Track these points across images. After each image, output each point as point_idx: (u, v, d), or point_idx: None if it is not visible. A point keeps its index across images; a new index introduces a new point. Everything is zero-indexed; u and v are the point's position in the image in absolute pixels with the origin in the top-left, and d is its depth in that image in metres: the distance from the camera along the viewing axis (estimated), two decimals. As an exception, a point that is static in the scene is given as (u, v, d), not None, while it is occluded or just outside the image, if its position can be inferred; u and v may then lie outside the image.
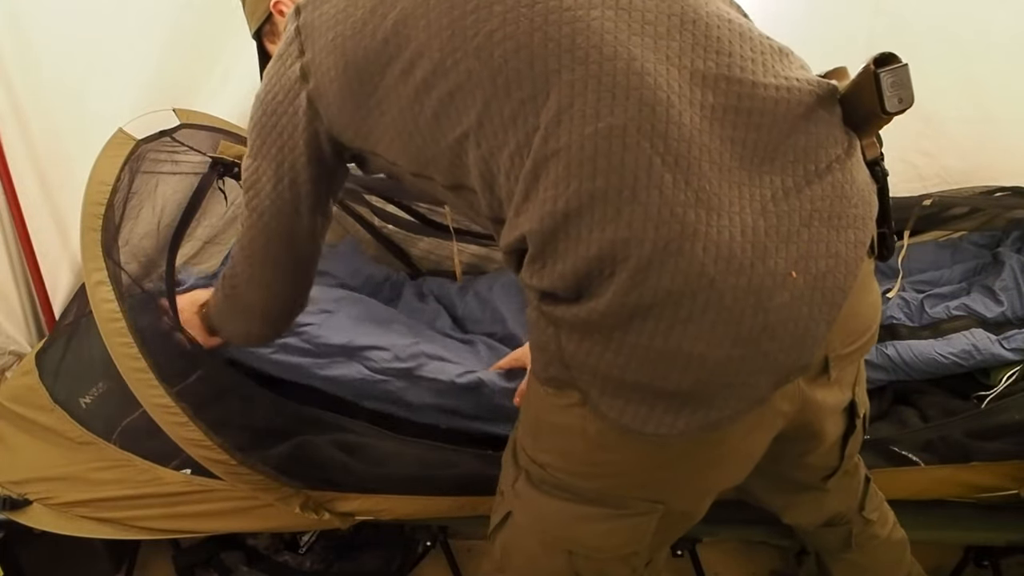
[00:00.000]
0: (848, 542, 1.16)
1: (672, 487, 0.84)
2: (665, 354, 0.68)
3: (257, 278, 1.03)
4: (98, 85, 1.73)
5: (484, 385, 1.45)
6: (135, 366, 1.17)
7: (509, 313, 1.78)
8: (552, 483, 0.86)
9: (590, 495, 0.84)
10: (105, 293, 1.19)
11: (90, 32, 1.69)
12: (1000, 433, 1.33)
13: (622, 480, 0.83)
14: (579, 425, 0.78)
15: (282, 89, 0.85)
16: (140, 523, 1.34)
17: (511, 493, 0.92)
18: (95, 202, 1.28)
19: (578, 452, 0.82)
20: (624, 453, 0.78)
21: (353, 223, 2.18)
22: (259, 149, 0.90)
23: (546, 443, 0.85)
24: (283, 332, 1.22)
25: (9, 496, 1.32)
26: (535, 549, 0.92)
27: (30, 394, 1.38)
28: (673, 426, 0.72)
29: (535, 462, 0.87)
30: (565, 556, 0.89)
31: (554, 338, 0.74)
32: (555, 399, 0.79)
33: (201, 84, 1.84)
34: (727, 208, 0.65)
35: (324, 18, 0.81)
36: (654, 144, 0.64)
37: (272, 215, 0.93)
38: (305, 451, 1.33)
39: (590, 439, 0.78)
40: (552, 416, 0.82)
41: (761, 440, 0.82)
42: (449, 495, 1.34)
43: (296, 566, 1.54)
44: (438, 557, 1.60)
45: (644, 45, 0.67)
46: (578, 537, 0.87)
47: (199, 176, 1.69)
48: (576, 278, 0.69)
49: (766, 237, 0.65)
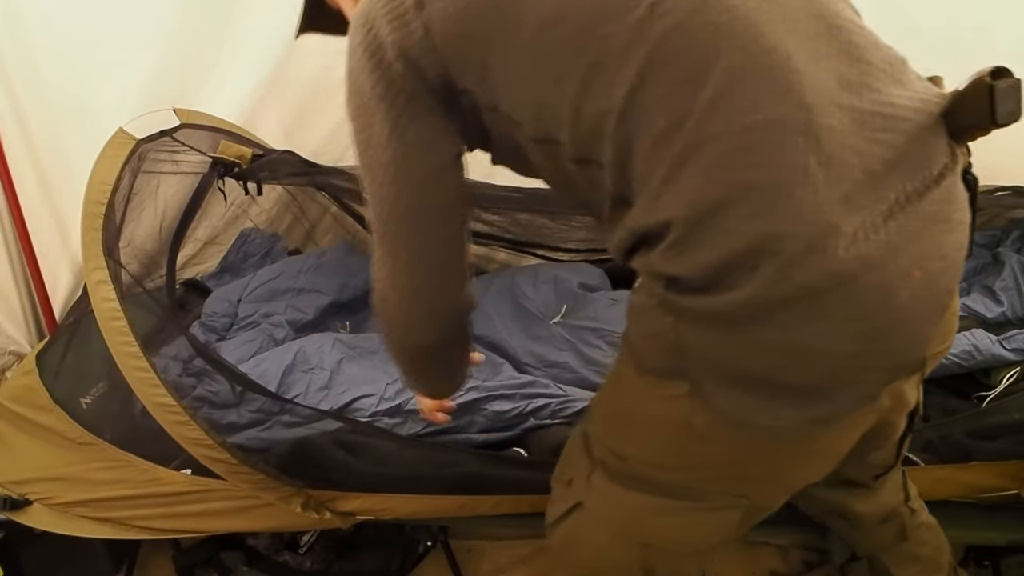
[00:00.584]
0: (903, 534, 1.18)
1: (763, 481, 0.84)
2: (794, 349, 0.69)
3: (405, 259, 0.85)
4: (98, 85, 1.73)
5: (476, 400, 1.46)
6: (136, 365, 1.17)
7: (500, 319, 1.80)
8: (633, 476, 0.85)
9: (674, 489, 0.83)
10: (106, 292, 1.19)
11: (90, 32, 1.69)
12: (1000, 433, 1.34)
13: (713, 473, 0.82)
14: (683, 417, 0.76)
15: (394, 16, 0.75)
16: (140, 523, 1.34)
17: (583, 485, 0.91)
18: (96, 201, 1.28)
19: (674, 444, 0.80)
20: (727, 446, 0.78)
21: (353, 223, 2.18)
22: (368, 93, 0.78)
23: (634, 434, 0.84)
24: (457, 327, 0.96)
25: (9, 496, 1.32)
26: (606, 541, 0.91)
27: (30, 394, 1.38)
28: (789, 419, 0.72)
29: (616, 454, 0.86)
30: (640, 549, 0.89)
31: (672, 327, 0.73)
32: (657, 389, 0.78)
33: (201, 84, 1.84)
34: (866, 208, 0.66)
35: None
36: (809, 142, 0.65)
37: (404, 166, 0.80)
38: (306, 450, 1.33)
39: (694, 431, 0.77)
40: (649, 407, 0.80)
41: (855, 436, 0.83)
42: (449, 495, 1.34)
43: (296, 566, 1.54)
44: (438, 557, 1.60)
45: (796, 44, 0.67)
46: (658, 531, 0.87)
47: (199, 176, 1.69)
48: (716, 268, 0.68)
49: (897, 236, 0.66)
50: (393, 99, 0.77)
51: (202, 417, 1.26)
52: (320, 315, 1.90)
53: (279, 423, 1.48)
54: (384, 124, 0.78)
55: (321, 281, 1.94)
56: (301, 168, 1.81)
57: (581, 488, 0.92)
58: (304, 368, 1.60)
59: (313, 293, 1.90)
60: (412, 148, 0.79)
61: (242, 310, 1.85)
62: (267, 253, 2.10)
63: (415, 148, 0.79)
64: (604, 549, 0.92)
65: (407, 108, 0.78)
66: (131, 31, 1.73)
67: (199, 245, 2.06)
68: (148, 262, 1.68)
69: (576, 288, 1.87)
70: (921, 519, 1.20)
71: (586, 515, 0.92)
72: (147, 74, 1.77)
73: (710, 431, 0.76)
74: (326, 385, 1.56)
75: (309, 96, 1.95)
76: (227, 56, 1.83)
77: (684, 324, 0.72)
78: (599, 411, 0.91)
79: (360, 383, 1.56)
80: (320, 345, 1.67)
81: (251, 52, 1.84)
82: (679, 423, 0.77)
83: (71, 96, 1.72)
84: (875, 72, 0.69)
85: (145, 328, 1.38)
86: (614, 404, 0.88)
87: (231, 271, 2.06)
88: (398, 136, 0.78)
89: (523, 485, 1.32)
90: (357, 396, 1.51)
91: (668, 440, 0.80)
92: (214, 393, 1.52)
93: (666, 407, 0.78)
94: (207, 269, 2.09)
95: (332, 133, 2.02)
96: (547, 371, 1.67)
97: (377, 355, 1.71)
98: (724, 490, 0.83)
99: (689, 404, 0.75)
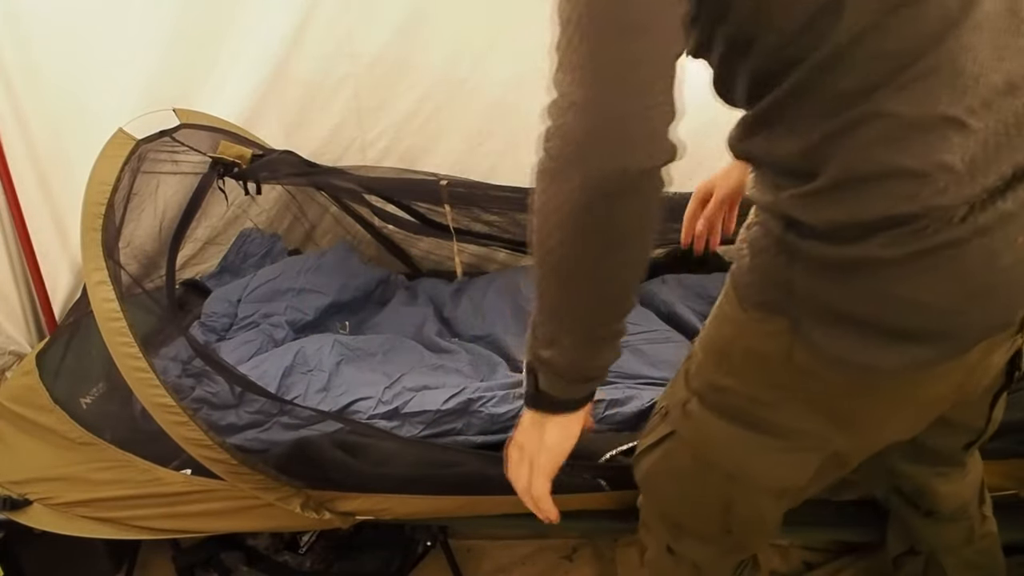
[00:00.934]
0: (971, 537, 1.20)
1: (852, 424, 0.86)
2: (898, 299, 0.71)
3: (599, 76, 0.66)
4: (98, 85, 1.73)
5: (472, 402, 1.47)
6: (135, 365, 1.17)
7: (500, 319, 1.81)
8: (728, 408, 0.87)
9: (766, 425, 0.86)
10: (105, 293, 1.19)
11: (90, 32, 1.70)
12: (1000, 432, 1.33)
13: (806, 409, 0.84)
14: (783, 351, 0.79)
15: None
16: (140, 523, 1.34)
17: (679, 413, 0.93)
18: (95, 202, 1.28)
19: (772, 378, 0.83)
20: (824, 383, 0.80)
21: (353, 223, 2.18)
22: None
23: (734, 367, 0.86)
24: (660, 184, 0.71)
25: (9, 496, 1.32)
26: (692, 469, 0.94)
27: (30, 394, 1.38)
28: (884, 360, 0.75)
29: (713, 386, 0.88)
30: (724, 479, 0.92)
31: (785, 267, 0.75)
32: (760, 324, 0.80)
33: (201, 84, 1.84)
34: (990, 178, 0.69)
35: None
36: (965, 142, 0.67)
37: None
38: (305, 450, 1.33)
39: (793, 365, 0.79)
40: (750, 341, 0.83)
41: (946, 392, 0.85)
42: (449, 495, 1.34)
43: (296, 566, 1.54)
44: (438, 557, 1.61)
45: (987, 41, 0.68)
46: (742, 463, 0.90)
47: (199, 176, 1.69)
48: (844, 227, 0.70)
49: (1012, 205, 0.69)
50: None
51: (201, 418, 1.26)
52: (320, 316, 1.90)
53: (278, 424, 1.48)
54: None
55: (321, 281, 1.94)
56: (301, 168, 1.82)
57: (676, 417, 0.94)
58: (303, 369, 1.60)
59: (313, 293, 1.91)
60: None
61: (242, 310, 1.85)
62: (267, 253, 2.10)
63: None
64: (690, 478, 0.95)
65: None
66: (131, 31, 1.73)
67: (199, 245, 2.06)
68: (148, 262, 1.68)
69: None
70: (988, 528, 1.22)
71: (678, 442, 0.95)
72: (147, 74, 1.77)
73: (809, 366, 0.78)
74: (325, 387, 1.56)
75: (309, 96, 1.96)
76: (227, 56, 1.83)
77: (797, 265, 0.75)
78: (702, 345, 0.93)
79: (358, 386, 1.56)
80: (319, 346, 1.67)
81: (251, 52, 1.84)
82: (780, 357, 0.80)
83: (71, 96, 1.72)
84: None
85: (145, 329, 1.39)
86: (716, 338, 0.89)
87: (231, 271, 2.06)
88: None
89: (523, 485, 1.32)
90: (355, 399, 1.52)
91: (767, 373, 0.83)
92: (213, 394, 1.52)
93: (768, 341, 0.80)
94: (207, 269, 2.09)
95: (332, 133, 2.02)
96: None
97: (376, 357, 1.72)
98: (812, 430, 0.85)
99: (788, 340, 0.78)
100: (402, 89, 1.97)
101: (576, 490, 1.32)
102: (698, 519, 1.01)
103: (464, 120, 1.99)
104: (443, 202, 1.88)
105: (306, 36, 1.86)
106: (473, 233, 2.00)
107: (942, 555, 1.23)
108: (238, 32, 1.81)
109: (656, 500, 1.06)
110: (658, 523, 1.08)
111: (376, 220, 2.14)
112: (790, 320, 0.77)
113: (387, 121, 2.02)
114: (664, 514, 1.06)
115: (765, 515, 0.97)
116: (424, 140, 2.04)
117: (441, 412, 1.46)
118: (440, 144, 2.04)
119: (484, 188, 1.86)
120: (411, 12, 1.85)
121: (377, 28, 1.87)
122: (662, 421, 0.98)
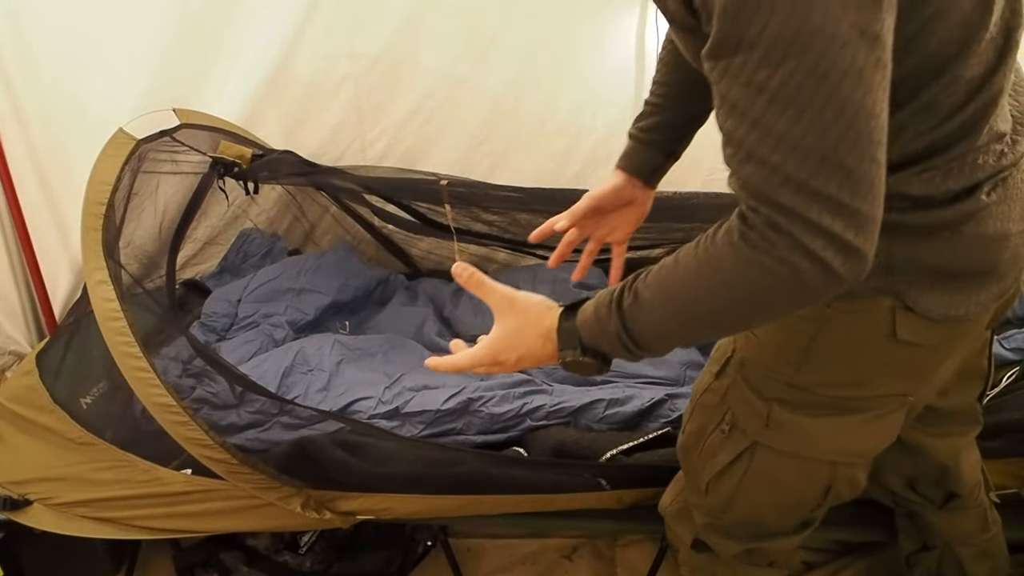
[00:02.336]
0: (985, 525, 1.23)
1: (928, 374, 0.90)
2: (993, 237, 0.76)
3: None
4: (98, 85, 1.73)
5: (472, 402, 1.47)
6: (136, 365, 1.17)
7: (499, 319, 1.80)
8: (817, 402, 0.89)
9: (859, 403, 0.88)
10: (106, 292, 1.19)
11: (90, 32, 1.70)
12: (1000, 431, 1.34)
13: (897, 376, 0.87)
14: (883, 331, 0.81)
15: None
16: (140, 523, 1.34)
17: (759, 425, 0.94)
18: (96, 202, 1.28)
19: (867, 360, 0.85)
20: (919, 348, 0.83)
21: (353, 223, 2.18)
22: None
23: (818, 362, 0.87)
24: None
25: (10, 496, 1.32)
26: (792, 471, 0.95)
27: (30, 394, 1.38)
28: (979, 304, 0.79)
29: (795, 386, 0.89)
30: (827, 467, 0.95)
31: (883, 248, 0.70)
32: (851, 314, 0.82)
33: (201, 84, 1.84)
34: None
35: None
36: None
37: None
38: (306, 450, 1.33)
39: (895, 341, 0.81)
40: (838, 332, 0.84)
41: (982, 327, 0.92)
42: (449, 495, 1.34)
43: (296, 566, 1.54)
44: (438, 556, 1.61)
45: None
46: (843, 447, 0.92)
47: (199, 176, 1.69)
48: (958, 192, 0.74)
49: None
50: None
51: (202, 418, 1.26)
52: (320, 315, 1.90)
53: (279, 424, 1.48)
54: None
55: (321, 281, 1.94)
56: (301, 168, 1.82)
57: (756, 429, 0.95)
58: (303, 369, 1.60)
59: (313, 293, 1.91)
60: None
61: (242, 310, 1.85)
62: (267, 253, 2.10)
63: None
64: (790, 480, 0.97)
65: None
66: (131, 31, 1.73)
67: (199, 245, 2.06)
68: (148, 262, 1.68)
69: (572, 288, 1.87)
70: (996, 516, 1.25)
71: (766, 453, 0.96)
72: (147, 74, 1.77)
73: (913, 336, 0.81)
74: (325, 387, 1.57)
75: (309, 96, 1.96)
76: (227, 56, 1.83)
77: (898, 240, 0.76)
78: (769, 351, 0.92)
79: (358, 385, 1.56)
80: (320, 346, 1.67)
81: (251, 52, 1.84)
82: (880, 336, 0.81)
83: (71, 96, 1.72)
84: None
85: (145, 328, 1.39)
86: (786, 340, 0.89)
87: (231, 271, 2.06)
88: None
89: (523, 484, 1.32)
90: (355, 399, 1.52)
91: (863, 357, 0.85)
92: (214, 394, 1.52)
93: (863, 327, 0.82)
94: (207, 269, 2.09)
95: (332, 133, 2.02)
96: (542, 368, 1.68)
97: (376, 357, 1.72)
98: (896, 392, 0.89)
99: (890, 317, 0.80)
100: (402, 89, 1.97)
101: (576, 490, 1.33)
102: (788, 515, 1.04)
103: (464, 120, 1.99)
104: (443, 202, 1.88)
105: (306, 36, 1.86)
106: (473, 233, 2.00)
107: (958, 546, 1.25)
108: (238, 32, 1.81)
109: (744, 512, 1.04)
110: (727, 538, 1.09)
111: (376, 220, 2.14)
112: (891, 297, 0.79)
113: (387, 121, 2.02)
114: (748, 522, 1.06)
115: (861, 481, 1.01)
116: (424, 140, 2.04)
117: (441, 412, 1.46)
118: (440, 144, 2.04)
119: (484, 188, 1.86)
120: (411, 12, 1.85)
121: (377, 28, 1.87)
122: (727, 438, 0.98)
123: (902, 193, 0.75)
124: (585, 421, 1.47)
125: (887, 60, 0.58)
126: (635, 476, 1.32)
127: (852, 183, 0.58)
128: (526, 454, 1.42)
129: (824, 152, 0.57)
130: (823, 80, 0.55)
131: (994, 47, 0.71)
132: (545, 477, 1.33)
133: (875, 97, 0.57)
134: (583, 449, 1.38)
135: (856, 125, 0.57)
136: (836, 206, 0.58)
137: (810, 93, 0.56)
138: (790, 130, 0.57)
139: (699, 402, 1.04)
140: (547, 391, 1.54)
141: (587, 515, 1.39)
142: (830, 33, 0.54)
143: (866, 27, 0.55)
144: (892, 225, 0.73)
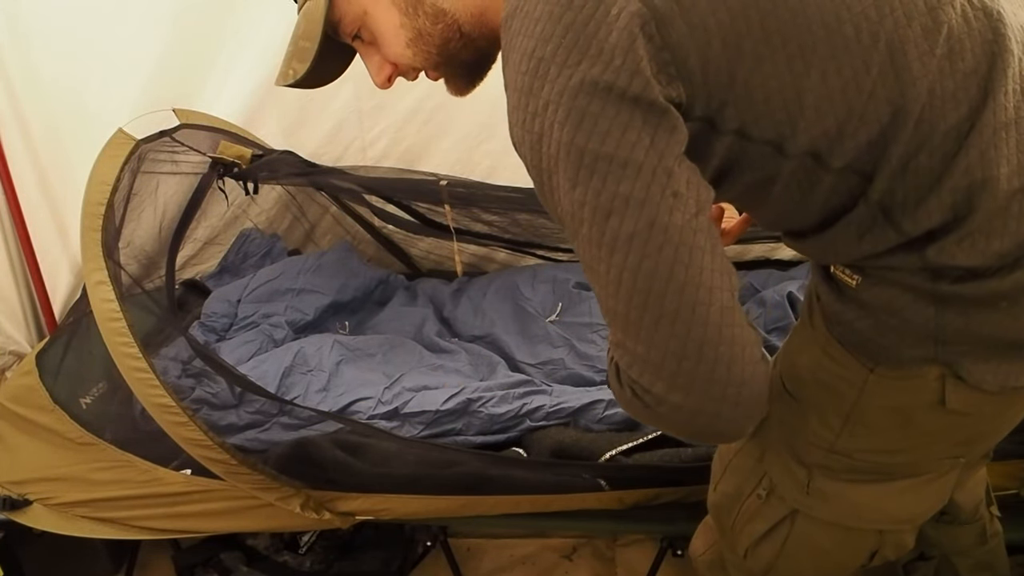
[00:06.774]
0: (983, 538, 1.20)
1: (985, 438, 0.87)
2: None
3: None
4: (98, 85, 1.73)
5: (472, 402, 1.47)
6: (135, 366, 1.17)
7: (499, 319, 1.81)
8: (862, 469, 0.86)
9: (908, 469, 0.86)
10: (105, 293, 1.19)
11: (90, 32, 1.70)
12: (1000, 433, 1.34)
13: (950, 443, 0.84)
14: (932, 400, 0.78)
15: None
16: (140, 523, 1.34)
17: (800, 493, 0.91)
18: (95, 202, 1.28)
19: (915, 428, 0.82)
20: (973, 417, 0.80)
21: (353, 223, 2.18)
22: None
23: (864, 428, 0.84)
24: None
25: (9, 496, 1.32)
26: (836, 539, 0.92)
27: (30, 394, 1.38)
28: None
29: (837, 452, 0.86)
30: (874, 537, 0.91)
31: (935, 317, 0.73)
32: (897, 381, 0.79)
33: (201, 84, 1.84)
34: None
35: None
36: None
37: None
38: (305, 450, 1.33)
39: (944, 410, 0.78)
40: (884, 399, 0.81)
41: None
42: (449, 495, 1.34)
43: (296, 566, 1.54)
44: (438, 557, 1.61)
45: None
46: (890, 514, 0.89)
47: (199, 176, 1.69)
48: (1005, 255, 0.70)
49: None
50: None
51: (201, 418, 1.26)
52: (320, 316, 1.90)
53: (278, 424, 1.48)
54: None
55: (321, 282, 1.94)
56: (301, 168, 1.82)
57: (794, 497, 0.92)
58: (303, 370, 1.60)
59: (313, 294, 1.91)
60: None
61: (242, 310, 1.85)
62: (267, 253, 2.10)
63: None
64: (833, 548, 0.94)
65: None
66: (131, 31, 1.73)
67: (199, 245, 2.06)
68: (148, 262, 1.68)
69: (572, 288, 1.88)
70: (997, 528, 1.23)
71: (808, 521, 0.92)
72: (147, 74, 1.77)
73: (964, 406, 0.78)
74: (324, 387, 1.57)
75: (309, 96, 1.96)
76: (227, 56, 1.83)
77: (950, 311, 0.73)
78: (810, 417, 0.88)
79: (358, 386, 1.56)
80: (319, 347, 1.67)
81: (251, 52, 1.84)
82: (928, 405, 0.79)
83: (71, 96, 1.72)
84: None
85: (144, 329, 1.39)
86: (828, 405, 0.86)
87: (231, 271, 2.06)
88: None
89: (523, 485, 1.32)
90: (355, 399, 1.52)
91: (911, 425, 0.82)
92: (213, 394, 1.53)
93: (911, 395, 0.79)
94: (207, 269, 2.09)
95: (332, 133, 2.02)
96: (541, 368, 1.68)
97: (376, 357, 1.72)
98: (949, 455, 0.86)
99: (939, 386, 0.77)
100: (402, 89, 1.96)
101: (576, 490, 1.33)
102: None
103: (464, 120, 1.99)
104: (443, 202, 1.88)
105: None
106: (473, 233, 2.00)
107: (955, 557, 1.24)
108: (238, 32, 1.81)
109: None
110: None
111: (376, 220, 2.14)
112: (941, 367, 0.76)
113: (387, 121, 2.02)
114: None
115: (909, 543, 0.97)
116: (424, 140, 2.04)
117: (441, 412, 1.46)
118: (440, 144, 2.04)
119: (484, 188, 1.86)
120: (411, 12, 1.85)
121: (377, 28, 1.87)
122: (764, 503, 0.95)
123: (948, 265, 0.72)
124: (585, 421, 1.47)
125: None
126: (635, 477, 1.32)
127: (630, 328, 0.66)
128: (526, 455, 1.42)
129: (613, 308, 0.66)
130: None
131: (976, 81, 0.67)
132: (545, 478, 1.33)
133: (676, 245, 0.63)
134: (583, 450, 1.38)
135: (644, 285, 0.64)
136: (626, 350, 0.67)
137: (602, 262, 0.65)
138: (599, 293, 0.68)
139: (732, 464, 1.00)
140: (547, 392, 1.54)
141: (587, 515, 1.39)
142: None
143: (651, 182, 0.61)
144: (944, 296, 0.73)
